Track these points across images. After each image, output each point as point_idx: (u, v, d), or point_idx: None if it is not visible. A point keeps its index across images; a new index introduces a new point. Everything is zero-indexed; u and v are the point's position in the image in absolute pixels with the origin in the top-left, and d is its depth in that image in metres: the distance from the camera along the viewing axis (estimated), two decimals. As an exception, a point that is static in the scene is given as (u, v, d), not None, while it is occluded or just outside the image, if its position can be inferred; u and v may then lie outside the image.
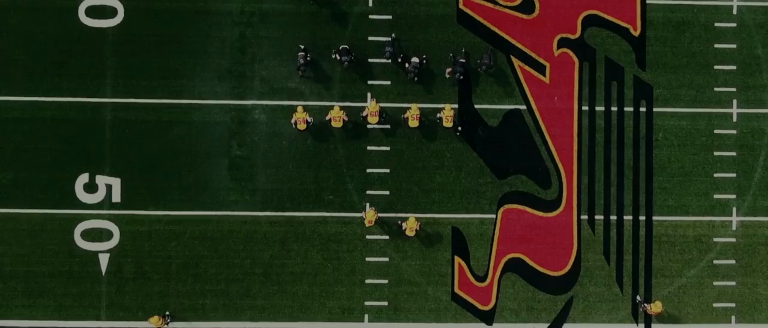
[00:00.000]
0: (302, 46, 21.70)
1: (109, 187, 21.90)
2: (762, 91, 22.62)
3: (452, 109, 21.53)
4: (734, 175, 22.54)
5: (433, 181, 22.21)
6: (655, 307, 21.59)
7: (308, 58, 21.46)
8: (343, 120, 21.27)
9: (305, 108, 21.39)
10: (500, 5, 22.43)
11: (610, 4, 22.51)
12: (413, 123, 21.47)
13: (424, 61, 21.80)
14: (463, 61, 21.71)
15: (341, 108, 21.33)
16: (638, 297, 22.25)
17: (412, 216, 21.56)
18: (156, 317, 21.29)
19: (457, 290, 22.24)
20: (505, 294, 22.32)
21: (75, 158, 21.83)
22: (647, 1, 22.58)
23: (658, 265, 22.47)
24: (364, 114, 21.49)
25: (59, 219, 21.80)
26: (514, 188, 22.35)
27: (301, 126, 21.23)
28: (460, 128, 21.85)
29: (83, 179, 21.85)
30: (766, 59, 22.66)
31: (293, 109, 21.64)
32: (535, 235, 22.31)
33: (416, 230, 21.44)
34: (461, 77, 21.74)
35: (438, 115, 21.69)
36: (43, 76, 21.83)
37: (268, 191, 22.01)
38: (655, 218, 22.46)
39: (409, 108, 21.38)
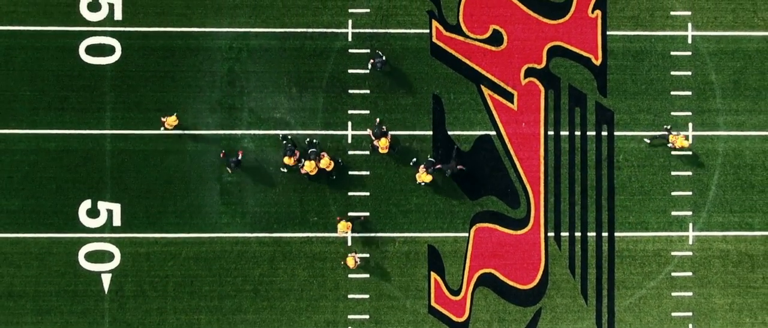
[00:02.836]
0: (288, 136, 23.38)
1: (110, 212, 23.56)
2: (715, 115, 24.25)
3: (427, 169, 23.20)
4: (690, 193, 24.17)
5: (410, 202, 23.88)
6: (681, 141, 23.05)
7: (293, 147, 23.04)
8: (318, 167, 22.83)
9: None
10: (470, 38, 24.08)
11: (573, 36, 24.14)
12: (383, 151, 23.02)
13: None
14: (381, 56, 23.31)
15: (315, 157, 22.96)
16: (667, 126, 23.58)
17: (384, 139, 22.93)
18: (155, 333, 23.02)
19: (433, 303, 23.94)
20: (478, 306, 23.99)
21: (78, 186, 23.49)
22: (608, 32, 24.21)
23: (620, 277, 24.15)
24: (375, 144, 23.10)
25: (64, 242, 23.48)
26: (486, 207, 24.03)
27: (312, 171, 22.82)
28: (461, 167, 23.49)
29: (86, 204, 23.52)
30: (719, 85, 24.29)
31: (278, 137, 23.43)
32: (506, 251, 23.99)
33: (388, 146, 22.77)
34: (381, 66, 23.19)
35: (418, 179, 23.34)
36: (47, 110, 23.49)
37: (257, 213, 23.69)
38: (616, 234, 24.12)
39: (380, 140, 22.95)
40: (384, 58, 23.34)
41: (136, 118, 23.59)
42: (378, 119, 23.41)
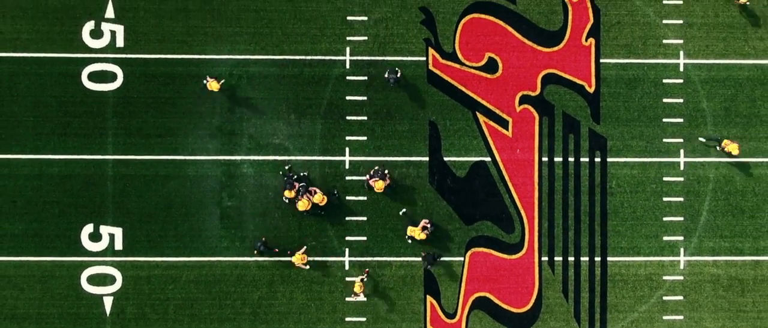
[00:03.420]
0: (287, 169, 23.83)
1: (111, 236, 23.99)
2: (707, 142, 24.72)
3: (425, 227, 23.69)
4: (681, 218, 24.61)
5: (407, 227, 24.29)
6: (732, 147, 23.60)
7: (291, 179, 23.60)
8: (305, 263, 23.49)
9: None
10: (466, 66, 24.50)
11: (567, 64, 24.57)
12: (377, 191, 23.49)
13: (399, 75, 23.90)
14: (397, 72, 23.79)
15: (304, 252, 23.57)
16: (717, 137, 24.14)
17: (380, 181, 23.37)
18: (155, 355, 23.46)
19: (429, 326, 24.37)
20: (473, 329, 24.51)
21: (80, 210, 23.92)
22: (601, 60, 24.64)
23: (613, 301, 24.59)
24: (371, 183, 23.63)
25: (67, 266, 23.91)
26: (481, 232, 24.46)
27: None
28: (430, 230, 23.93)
29: (88, 229, 23.95)
30: (710, 112, 24.72)
31: (279, 163, 23.88)
32: (500, 275, 24.43)
33: (384, 188, 23.30)
34: (394, 80, 23.72)
35: (407, 235, 23.85)
36: (49, 135, 23.91)
37: (257, 237, 24.10)
38: (609, 258, 24.55)
39: (376, 181, 23.43)
40: (399, 74, 23.74)
41: (137, 143, 24.01)
42: (383, 168, 23.82)
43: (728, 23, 24.75)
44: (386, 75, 23.82)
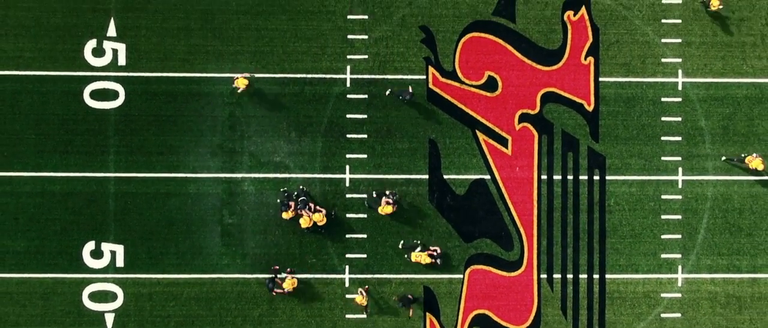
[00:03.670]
0: (303, 189, 24.01)
1: (113, 253, 24.13)
2: (705, 160, 24.84)
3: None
4: (679, 236, 24.77)
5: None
6: (757, 163, 23.76)
7: (307, 201, 23.76)
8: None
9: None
10: (466, 84, 24.65)
11: (566, 82, 24.72)
12: (384, 213, 23.70)
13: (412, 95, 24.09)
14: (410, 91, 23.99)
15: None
16: (740, 156, 24.33)
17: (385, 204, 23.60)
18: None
19: (428, 343, 24.60)
20: (472, 346, 24.66)
21: (82, 227, 24.06)
22: (600, 79, 24.80)
23: (611, 319, 24.75)
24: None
25: (68, 283, 24.05)
26: (480, 250, 24.62)
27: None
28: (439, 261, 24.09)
29: (90, 246, 24.08)
30: (708, 130, 24.88)
31: (279, 181, 24.05)
32: (499, 293, 24.59)
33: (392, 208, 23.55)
34: (408, 98, 23.90)
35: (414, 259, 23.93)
36: (51, 153, 24.04)
37: (257, 255, 24.27)
38: (607, 276, 24.71)
39: (384, 207, 23.64)
40: (412, 93, 23.93)
41: (139, 161, 24.15)
42: (394, 192, 23.92)
43: (726, 42, 24.90)
44: (400, 96, 23.91)
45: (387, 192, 23.91)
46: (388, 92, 24.17)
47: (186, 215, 24.19)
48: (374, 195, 23.97)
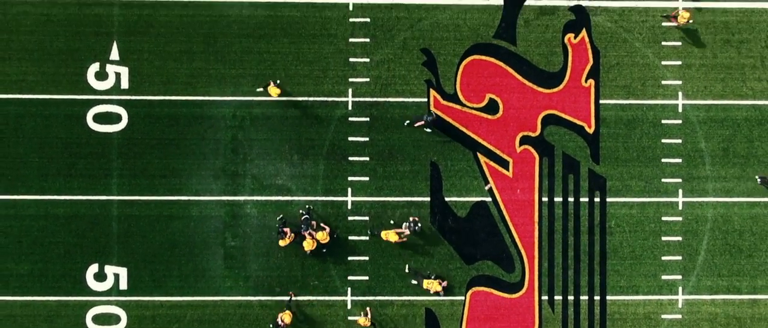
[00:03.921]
0: (307, 208, 24.13)
1: (116, 276, 24.26)
2: (705, 182, 24.96)
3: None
4: (680, 258, 24.90)
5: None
6: (682, 18, 24.00)
7: (310, 220, 23.87)
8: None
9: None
10: (467, 107, 24.77)
11: (566, 104, 24.84)
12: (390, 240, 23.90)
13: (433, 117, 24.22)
14: (419, 223, 24.06)
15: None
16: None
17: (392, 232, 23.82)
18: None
19: (430, 364, 24.72)
20: (473, 368, 24.79)
21: (85, 250, 24.18)
22: (600, 101, 24.92)
23: (612, 340, 24.97)
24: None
25: (72, 305, 24.17)
26: (482, 272, 24.74)
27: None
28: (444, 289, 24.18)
29: (93, 268, 24.21)
30: (708, 152, 25.00)
31: (281, 204, 24.20)
32: (501, 314, 24.71)
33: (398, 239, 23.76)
34: (419, 228, 24.02)
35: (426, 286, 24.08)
36: (55, 176, 24.17)
37: (260, 277, 24.40)
38: (608, 297, 24.83)
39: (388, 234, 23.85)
40: (434, 116, 24.06)
41: (142, 184, 24.27)
42: (415, 221, 24.01)
43: (726, 64, 25.03)
44: (424, 118, 24.02)
45: (410, 219, 24.00)
46: (406, 124, 24.25)
47: (189, 238, 24.31)
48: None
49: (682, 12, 24.20)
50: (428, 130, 24.30)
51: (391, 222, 24.24)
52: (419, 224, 23.93)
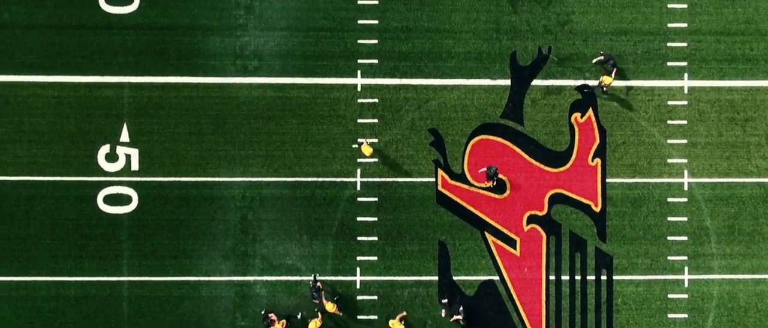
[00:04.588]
0: (315, 277, 24.30)
1: (127, 356, 24.53)
2: (711, 259, 25.18)
3: None
4: (686, 335, 25.20)
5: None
6: (604, 81, 24.27)
7: (318, 285, 24.00)
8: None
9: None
10: (475, 187, 24.98)
11: (573, 183, 25.05)
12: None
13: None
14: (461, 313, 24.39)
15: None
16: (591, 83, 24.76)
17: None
18: None
19: None
20: None
21: (96, 331, 24.48)
22: (607, 180, 25.12)
23: None
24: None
25: (83, 386, 24.46)
26: (490, 350, 25.02)
27: None
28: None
29: (104, 349, 24.50)
30: (714, 230, 25.21)
31: (291, 284, 24.39)
32: (508, 392, 24.99)
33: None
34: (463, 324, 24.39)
35: None
36: (66, 258, 24.35)
37: (276, 348, 24.55)
38: (615, 375, 25.14)
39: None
40: (497, 173, 24.31)
41: (152, 265, 24.45)
42: (458, 304, 24.29)
43: (732, 142, 25.24)
44: (487, 172, 24.25)
45: (461, 309, 24.25)
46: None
47: (199, 318, 24.49)
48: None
49: (604, 76, 24.33)
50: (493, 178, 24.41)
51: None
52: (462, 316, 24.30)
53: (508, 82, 25.07)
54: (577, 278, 25.05)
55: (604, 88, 24.63)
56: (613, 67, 24.49)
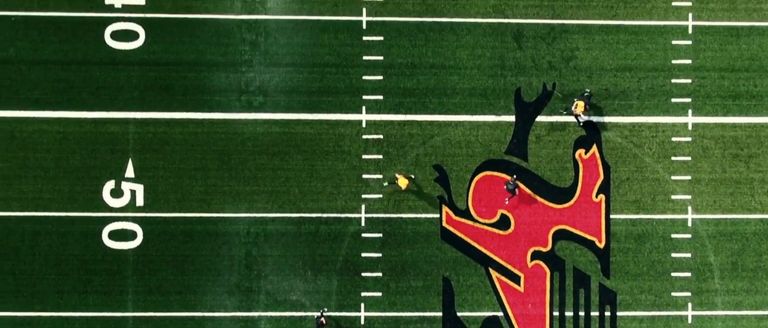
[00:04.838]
0: (323, 311, 24.39)
1: (131, 391, 24.57)
2: (714, 295, 25.23)
3: None
4: (689, 371, 25.26)
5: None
6: (578, 108, 24.08)
7: (322, 321, 24.05)
8: None
9: None
10: (479, 223, 25.02)
11: (577, 220, 25.09)
12: None
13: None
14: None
15: None
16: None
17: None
18: None
19: None
20: None
21: (101, 366, 24.51)
22: (611, 216, 25.17)
23: None
24: None
25: None
26: (493, 386, 25.06)
27: None
28: None
29: (108, 384, 24.54)
30: (718, 266, 25.26)
31: (295, 319, 24.44)
32: None
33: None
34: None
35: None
36: (70, 293, 24.38)
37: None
38: None
39: None
40: (516, 184, 24.47)
41: (157, 300, 24.49)
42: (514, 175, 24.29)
43: (735, 179, 25.29)
44: (507, 186, 24.31)
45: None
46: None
47: (203, 354, 24.59)
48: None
49: (577, 102, 24.29)
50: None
51: None
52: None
53: (512, 118, 25.12)
54: (581, 314, 25.10)
55: (579, 117, 24.50)
56: (588, 99, 24.46)
